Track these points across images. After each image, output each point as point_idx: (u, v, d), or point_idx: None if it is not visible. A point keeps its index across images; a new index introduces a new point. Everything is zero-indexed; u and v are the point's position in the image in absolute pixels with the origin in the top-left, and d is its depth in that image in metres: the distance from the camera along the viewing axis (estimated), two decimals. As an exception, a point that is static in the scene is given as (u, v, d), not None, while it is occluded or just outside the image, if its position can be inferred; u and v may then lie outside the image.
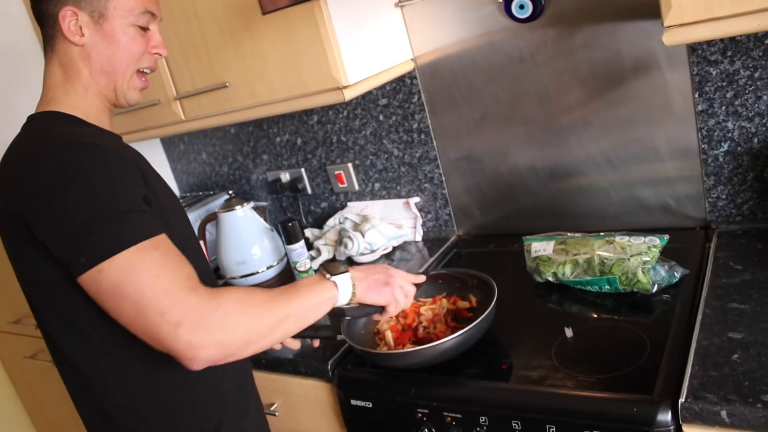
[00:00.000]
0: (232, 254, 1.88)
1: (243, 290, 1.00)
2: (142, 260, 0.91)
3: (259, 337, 0.97)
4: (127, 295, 0.90)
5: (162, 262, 0.92)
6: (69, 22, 1.07)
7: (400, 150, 1.91)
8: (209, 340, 0.90)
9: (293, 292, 1.03)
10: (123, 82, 1.13)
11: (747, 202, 1.48)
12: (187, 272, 0.94)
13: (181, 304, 0.90)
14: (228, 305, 0.93)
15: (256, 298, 0.98)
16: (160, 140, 2.48)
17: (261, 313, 0.97)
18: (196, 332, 0.89)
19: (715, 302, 1.22)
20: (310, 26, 1.43)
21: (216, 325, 0.91)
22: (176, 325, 0.89)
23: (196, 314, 0.90)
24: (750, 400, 0.95)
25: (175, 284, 0.91)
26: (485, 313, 1.25)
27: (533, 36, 1.57)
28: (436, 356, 1.24)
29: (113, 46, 1.10)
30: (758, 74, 1.36)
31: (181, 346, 0.89)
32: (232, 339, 0.93)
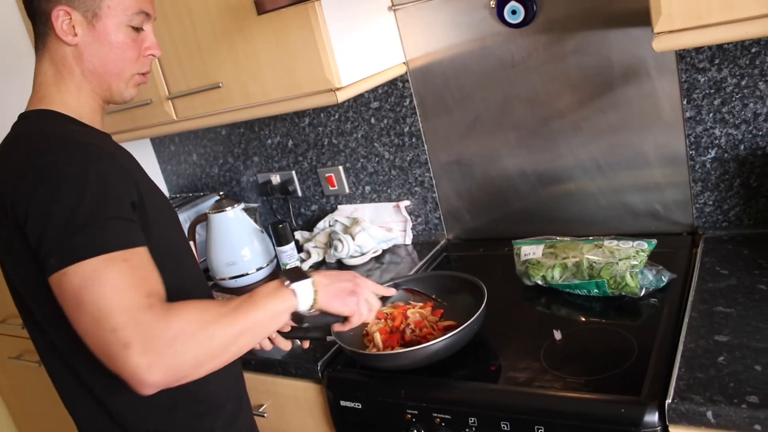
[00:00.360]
0: (222, 255, 1.88)
1: (198, 307, 0.94)
2: (106, 271, 0.88)
3: (211, 357, 0.93)
4: (85, 304, 0.88)
5: (128, 275, 0.89)
6: (62, 22, 1.05)
7: (391, 153, 1.92)
8: (158, 363, 0.86)
9: (249, 305, 0.98)
10: (119, 83, 1.12)
11: (733, 209, 1.50)
12: (150, 289, 0.91)
13: (133, 323, 0.86)
14: (180, 324, 0.89)
15: (210, 314, 0.93)
16: (150, 141, 2.47)
17: (214, 333, 0.92)
18: (146, 355, 0.85)
19: (702, 306, 1.23)
20: (304, 28, 1.44)
21: (166, 348, 0.87)
22: (125, 345, 0.85)
23: (146, 335, 0.86)
24: (735, 401, 0.96)
25: (133, 300, 0.88)
26: (475, 316, 1.26)
27: (525, 41, 1.59)
28: (425, 358, 1.24)
29: (106, 47, 1.08)
30: (745, 82, 1.39)
31: (129, 368, 0.86)
32: (183, 362, 0.89)
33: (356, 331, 1.40)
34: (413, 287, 1.45)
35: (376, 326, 1.38)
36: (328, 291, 1.08)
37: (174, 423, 1.11)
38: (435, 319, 1.38)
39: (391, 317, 1.39)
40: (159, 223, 1.07)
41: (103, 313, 0.87)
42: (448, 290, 1.45)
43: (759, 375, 1.01)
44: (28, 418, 2.55)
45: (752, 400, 0.96)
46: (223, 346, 0.94)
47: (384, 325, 1.38)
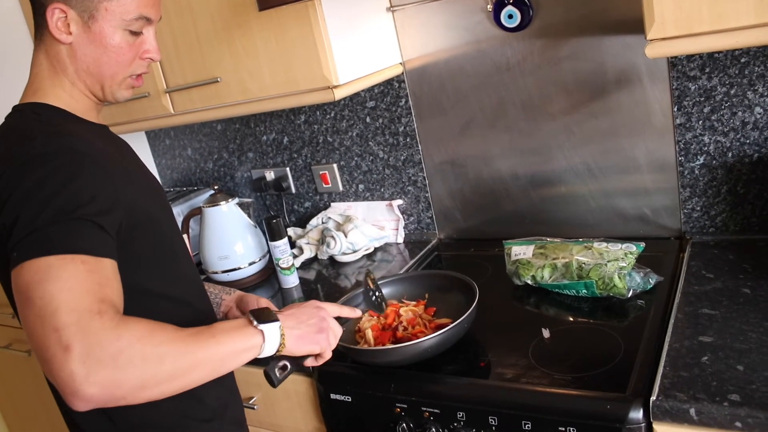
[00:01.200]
0: (214, 249, 1.89)
1: (153, 325, 0.88)
2: (60, 269, 0.84)
3: (157, 383, 0.85)
4: (34, 300, 0.83)
5: (82, 278, 0.85)
6: (57, 20, 1.02)
7: (386, 152, 1.94)
8: (97, 375, 0.80)
9: (207, 336, 0.91)
10: (112, 85, 1.09)
11: (720, 215, 1.53)
12: (104, 296, 0.86)
13: (78, 326, 0.81)
14: (130, 338, 0.83)
15: (166, 335, 0.87)
16: (145, 134, 2.48)
17: (165, 356, 0.85)
18: (85, 363, 0.79)
19: (687, 308, 1.26)
20: (303, 25, 1.46)
21: (109, 360, 0.81)
22: (65, 348, 0.79)
23: (90, 341, 0.80)
24: (717, 399, 0.99)
25: (83, 302, 0.83)
26: (466, 314, 1.28)
27: (520, 45, 1.61)
28: (415, 355, 1.26)
29: (99, 50, 1.05)
30: (734, 91, 1.42)
31: (65, 375, 0.79)
32: (124, 379, 0.82)
33: (348, 327, 1.42)
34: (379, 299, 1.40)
35: (369, 323, 1.39)
36: (295, 334, 1.03)
37: (162, 414, 1.10)
38: (428, 317, 1.40)
39: (384, 315, 1.41)
40: (152, 219, 1.06)
41: (48, 310, 0.82)
42: (439, 289, 1.47)
43: (741, 375, 1.03)
44: (16, 407, 2.55)
45: (734, 399, 0.98)
46: (171, 373, 0.86)
47: (376, 322, 1.40)
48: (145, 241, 1.05)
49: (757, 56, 1.38)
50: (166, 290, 1.10)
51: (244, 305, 1.31)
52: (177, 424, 1.12)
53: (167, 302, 1.10)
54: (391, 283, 1.53)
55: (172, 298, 1.11)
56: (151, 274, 1.07)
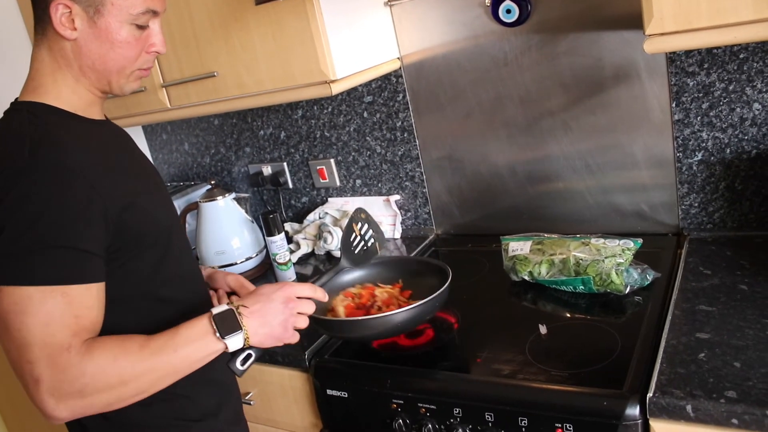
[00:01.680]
0: (211, 244, 1.89)
1: (116, 351, 0.93)
2: (40, 303, 0.89)
3: (122, 400, 0.95)
4: (11, 330, 0.89)
5: (60, 311, 0.89)
6: (61, 14, 0.99)
7: (383, 148, 1.94)
8: (65, 404, 0.89)
9: (170, 350, 0.96)
10: (119, 79, 1.07)
11: (718, 211, 1.53)
12: (78, 328, 0.91)
13: (48, 362, 0.88)
14: (92, 371, 0.90)
15: (127, 361, 0.93)
16: (142, 129, 2.47)
17: (127, 380, 0.93)
18: (53, 395, 0.88)
19: (685, 304, 1.26)
20: (300, 19, 1.45)
21: (74, 394, 0.89)
22: (36, 381, 0.88)
23: (57, 378, 0.88)
24: (714, 395, 0.99)
25: (56, 339, 0.89)
26: (439, 290, 1.27)
27: (518, 40, 1.60)
28: (386, 329, 1.25)
29: (106, 45, 1.02)
30: (732, 87, 1.41)
31: (37, 402, 0.89)
32: (90, 404, 0.91)
33: (322, 306, 1.36)
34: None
35: (342, 303, 1.38)
36: (260, 334, 1.04)
37: (154, 415, 1.10)
38: (404, 299, 1.39)
39: (358, 296, 1.40)
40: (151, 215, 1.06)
41: (24, 342, 0.88)
42: (414, 274, 1.46)
43: (737, 371, 1.03)
44: (15, 406, 2.54)
45: (730, 395, 0.98)
46: (135, 391, 0.95)
47: (350, 302, 1.39)
48: (137, 254, 1.04)
49: (756, 52, 1.37)
50: (155, 293, 1.09)
51: (213, 282, 1.30)
52: (169, 425, 1.12)
53: (155, 303, 1.09)
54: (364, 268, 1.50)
55: (160, 299, 1.10)
56: (139, 281, 1.07)
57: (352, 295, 1.42)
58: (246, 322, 1.03)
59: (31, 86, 1.05)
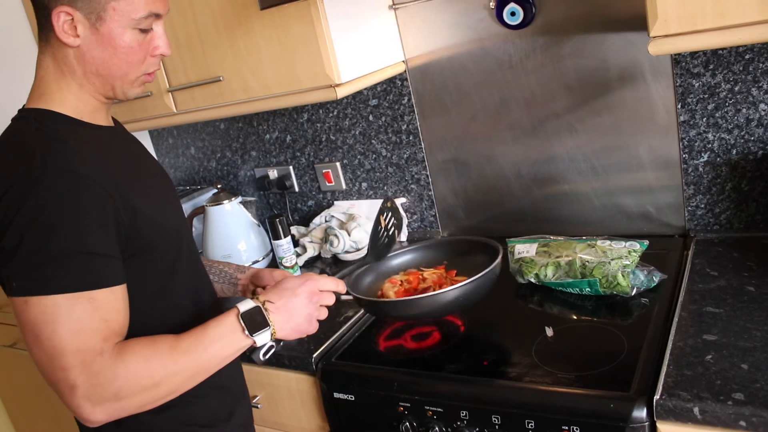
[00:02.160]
0: (218, 247, 1.89)
1: (149, 352, 0.95)
2: (68, 310, 0.90)
3: (155, 401, 0.96)
4: (42, 338, 0.89)
5: (89, 317, 0.91)
6: (63, 22, 0.98)
7: (389, 150, 1.94)
8: (101, 407, 0.91)
9: (201, 350, 0.98)
10: (123, 84, 1.07)
11: (724, 212, 1.52)
12: (108, 332, 0.93)
13: (82, 368, 0.89)
14: (126, 375, 0.92)
15: (160, 361, 0.95)
16: (149, 133, 2.48)
17: (159, 382, 0.95)
18: (89, 399, 0.90)
19: (692, 306, 1.26)
20: (305, 24, 1.46)
21: (109, 397, 0.91)
22: (72, 387, 0.89)
23: (92, 382, 0.89)
24: (721, 397, 0.98)
25: (88, 344, 0.90)
26: (492, 265, 1.25)
27: (523, 43, 1.61)
28: (440, 306, 1.24)
29: (110, 51, 1.02)
30: (738, 88, 1.41)
31: (73, 407, 0.90)
32: (125, 406, 0.93)
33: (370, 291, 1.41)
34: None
35: (392, 290, 1.39)
36: (286, 328, 1.07)
37: (165, 422, 1.10)
38: (452, 278, 1.39)
39: (407, 281, 1.41)
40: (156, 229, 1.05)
41: (56, 351, 0.89)
42: (458, 253, 1.45)
43: (745, 373, 1.03)
44: (21, 406, 2.56)
45: (738, 397, 0.98)
46: (168, 392, 0.97)
47: (399, 288, 1.39)
48: (149, 257, 1.05)
49: (762, 53, 1.37)
50: (169, 295, 1.10)
51: (258, 280, 1.31)
52: (181, 431, 1.12)
53: (169, 305, 1.10)
54: (406, 253, 1.50)
55: (174, 301, 1.11)
56: (153, 284, 1.07)
57: (399, 281, 1.42)
58: (273, 317, 1.05)
59: (37, 93, 1.05)
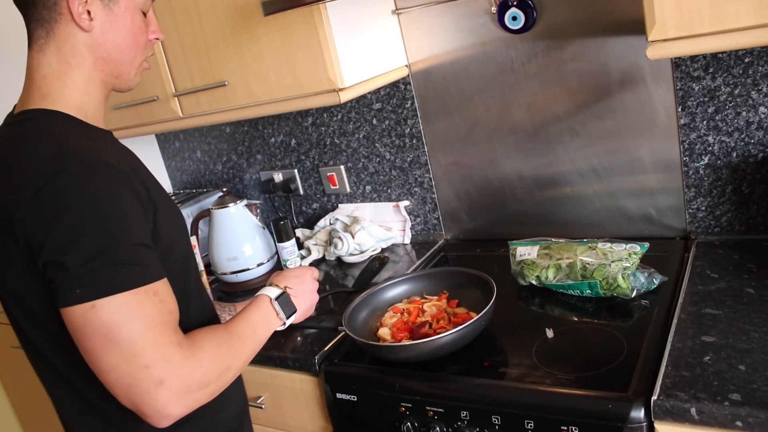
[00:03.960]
0: (223, 250, 1.91)
1: (214, 339, 0.98)
2: (139, 305, 0.88)
3: (225, 385, 0.99)
4: (118, 340, 0.86)
5: (158, 310, 0.90)
6: (78, 6, 0.97)
7: (392, 154, 1.95)
8: (186, 399, 0.90)
9: (252, 333, 1.07)
10: (131, 70, 1.07)
11: (725, 214, 1.53)
12: (176, 323, 0.93)
13: (166, 360, 0.88)
14: (207, 363, 0.93)
15: (225, 349, 0.99)
16: (155, 137, 2.51)
17: (230, 366, 0.99)
18: (177, 391, 0.88)
19: (691, 308, 1.27)
20: (309, 29, 1.48)
21: (197, 386, 0.91)
22: (159, 382, 0.87)
23: (179, 372, 0.89)
24: (718, 398, 0.99)
25: (165, 337, 0.89)
26: (483, 311, 1.29)
27: (525, 47, 1.62)
28: (433, 350, 1.27)
29: (123, 32, 1.03)
30: (738, 91, 1.42)
31: (158, 405, 0.87)
32: (205, 395, 0.94)
33: (368, 324, 1.47)
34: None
35: (392, 319, 1.43)
36: (301, 312, 1.22)
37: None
38: (452, 311, 1.42)
39: (407, 312, 1.44)
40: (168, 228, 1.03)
41: (135, 349, 0.86)
42: (458, 285, 1.49)
43: (742, 374, 1.04)
44: (30, 406, 2.58)
45: (735, 398, 0.99)
46: (234, 375, 1.02)
47: (399, 318, 1.43)
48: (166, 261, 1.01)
49: (761, 56, 1.38)
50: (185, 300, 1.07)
51: None
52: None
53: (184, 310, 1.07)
54: (408, 281, 1.56)
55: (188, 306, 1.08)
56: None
57: (401, 310, 1.46)
58: (296, 302, 1.18)
59: (39, 95, 1.01)
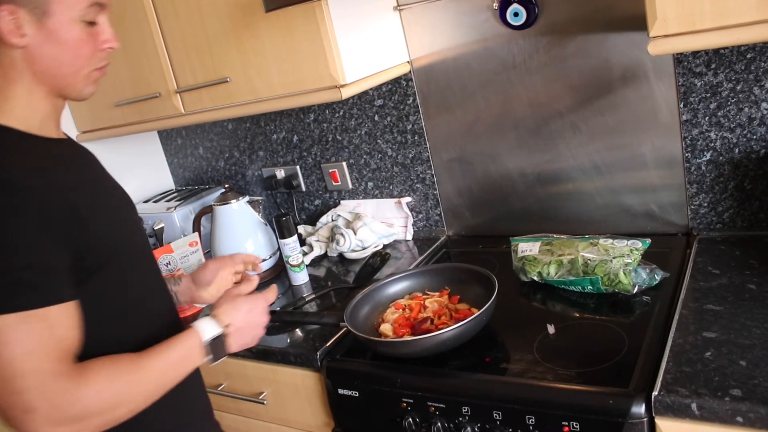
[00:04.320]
0: (225, 247, 1.91)
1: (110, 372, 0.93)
2: (19, 330, 0.86)
3: (116, 421, 0.94)
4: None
5: (42, 337, 0.87)
6: (7, 23, 0.94)
7: (394, 150, 1.96)
8: (61, 430, 0.87)
9: (163, 370, 0.99)
10: (77, 82, 1.03)
11: (727, 211, 1.53)
12: (64, 352, 0.89)
13: (40, 390, 0.85)
14: (89, 397, 0.89)
15: (121, 383, 0.94)
16: (157, 133, 2.51)
17: (122, 402, 0.94)
18: (49, 421, 0.85)
19: (692, 304, 1.27)
20: (310, 25, 1.48)
21: (70, 420, 0.87)
22: (28, 410, 0.84)
23: (55, 403, 0.86)
24: (719, 394, 0.99)
25: (43, 366, 0.86)
26: (485, 306, 1.30)
27: (526, 43, 1.62)
28: (435, 346, 1.28)
29: (59, 46, 0.98)
30: (740, 87, 1.42)
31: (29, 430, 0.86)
32: (87, 426, 0.90)
33: (370, 319, 1.47)
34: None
35: (393, 316, 1.43)
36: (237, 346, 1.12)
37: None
38: (454, 307, 1.43)
39: (409, 308, 1.45)
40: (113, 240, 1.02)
41: (10, 373, 0.85)
42: (459, 282, 1.50)
43: (743, 370, 1.04)
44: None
45: (735, 394, 0.99)
46: (130, 411, 0.96)
47: (401, 315, 1.43)
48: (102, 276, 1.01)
49: (764, 52, 1.38)
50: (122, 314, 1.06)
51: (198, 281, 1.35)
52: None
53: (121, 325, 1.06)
54: (411, 277, 1.56)
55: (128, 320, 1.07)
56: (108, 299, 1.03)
57: (402, 306, 1.46)
58: (231, 341, 1.11)
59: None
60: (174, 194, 2.35)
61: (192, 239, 1.85)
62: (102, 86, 1.11)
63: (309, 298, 1.71)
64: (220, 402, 1.70)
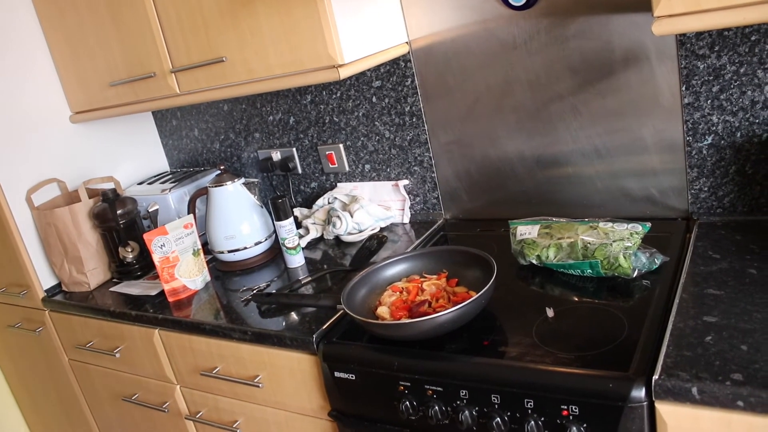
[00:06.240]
0: (221, 229, 1.90)
1: None
2: None
3: None
4: None
5: None
6: None
7: (392, 132, 1.93)
8: None
9: None
10: None
11: (728, 195, 1.52)
12: None
13: None
14: None
15: None
16: (152, 115, 2.48)
17: None
18: None
19: (693, 288, 1.26)
20: (308, 4, 1.45)
21: None
22: None
23: None
24: (719, 378, 0.99)
25: None
26: (483, 289, 1.28)
27: (527, 24, 1.60)
28: (432, 329, 1.26)
29: None
30: (743, 70, 1.40)
31: None
32: None
33: (368, 302, 1.45)
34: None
35: (390, 299, 1.41)
36: None
37: None
38: (452, 290, 1.42)
39: (406, 291, 1.43)
40: None
41: None
42: (457, 264, 1.48)
43: (744, 354, 1.03)
44: (25, 385, 2.58)
45: (736, 378, 0.98)
46: None
47: (398, 297, 1.41)
48: None
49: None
50: None
51: None
52: None
53: None
54: (409, 259, 1.55)
55: None
56: None
57: (400, 289, 1.45)
58: None
59: None
60: (169, 176, 2.33)
61: (187, 221, 1.83)
62: (96, 66, 1.10)
63: (305, 281, 1.69)
64: (215, 385, 1.69)
